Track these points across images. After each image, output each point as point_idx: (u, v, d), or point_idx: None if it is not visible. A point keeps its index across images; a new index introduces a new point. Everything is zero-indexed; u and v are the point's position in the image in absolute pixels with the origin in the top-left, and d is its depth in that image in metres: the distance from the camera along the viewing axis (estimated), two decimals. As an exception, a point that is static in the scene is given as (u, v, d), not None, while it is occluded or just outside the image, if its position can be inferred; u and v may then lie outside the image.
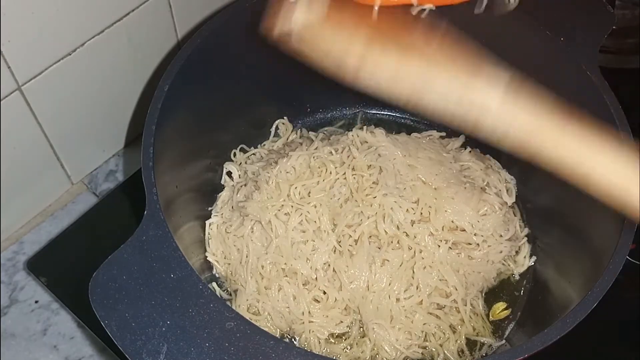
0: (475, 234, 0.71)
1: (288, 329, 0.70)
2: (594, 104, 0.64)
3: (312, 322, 0.68)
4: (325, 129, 0.87)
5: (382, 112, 0.89)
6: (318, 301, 0.69)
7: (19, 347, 0.73)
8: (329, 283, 0.68)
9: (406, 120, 0.89)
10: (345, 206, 0.70)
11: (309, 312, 0.68)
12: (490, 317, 0.72)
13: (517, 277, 0.75)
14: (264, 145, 0.84)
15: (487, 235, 0.72)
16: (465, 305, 0.70)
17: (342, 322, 0.69)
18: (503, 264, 0.75)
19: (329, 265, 0.68)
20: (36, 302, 0.76)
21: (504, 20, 0.71)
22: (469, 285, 0.71)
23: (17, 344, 0.73)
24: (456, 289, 0.69)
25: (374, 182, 0.72)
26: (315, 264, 0.68)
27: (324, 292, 0.69)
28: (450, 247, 0.70)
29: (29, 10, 0.64)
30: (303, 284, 0.69)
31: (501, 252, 0.73)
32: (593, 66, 0.66)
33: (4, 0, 0.61)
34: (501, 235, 0.73)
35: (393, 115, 0.89)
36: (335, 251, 0.69)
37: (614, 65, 0.95)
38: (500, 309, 0.73)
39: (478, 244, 0.71)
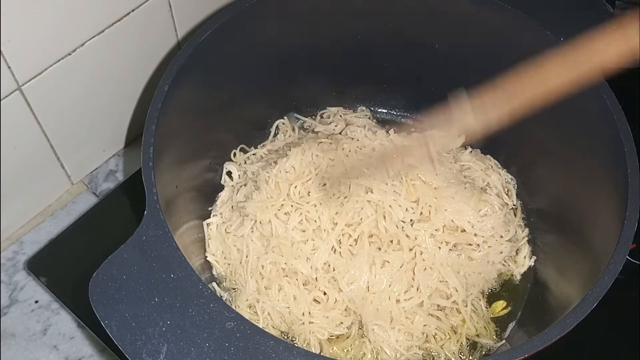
0: (475, 235, 0.71)
1: (288, 329, 0.70)
2: (594, 104, 0.64)
3: (312, 322, 0.68)
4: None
5: (382, 112, 0.89)
6: (318, 302, 0.69)
7: (19, 347, 0.73)
8: (329, 284, 0.68)
9: (406, 120, 0.89)
10: (345, 205, 0.70)
11: (309, 312, 0.68)
12: (490, 314, 0.72)
13: (517, 278, 0.75)
14: (264, 145, 0.84)
15: (487, 236, 0.72)
16: (466, 307, 0.70)
17: (342, 323, 0.69)
18: (503, 264, 0.74)
19: (329, 265, 0.69)
20: (36, 302, 0.76)
21: (504, 20, 0.71)
22: (469, 286, 0.71)
23: (17, 344, 0.73)
24: (457, 290, 0.69)
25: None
26: (315, 264, 0.68)
27: (324, 293, 0.68)
28: (450, 249, 0.70)
29: (29, 10, 0.63)
30: (303, 284, 0.69)
31: (501, 252, 0.73)
32: (593, 66, 0.66)
33: (4, 0, 0.61)
34: (501, 236, 0.73)
35: (393, 115, 0.89)
36: (335, 251, 0.69)
37: (614, 65, 0.94)
38: (500, 307, 0.73)
39: (478, 245, 0.71)
